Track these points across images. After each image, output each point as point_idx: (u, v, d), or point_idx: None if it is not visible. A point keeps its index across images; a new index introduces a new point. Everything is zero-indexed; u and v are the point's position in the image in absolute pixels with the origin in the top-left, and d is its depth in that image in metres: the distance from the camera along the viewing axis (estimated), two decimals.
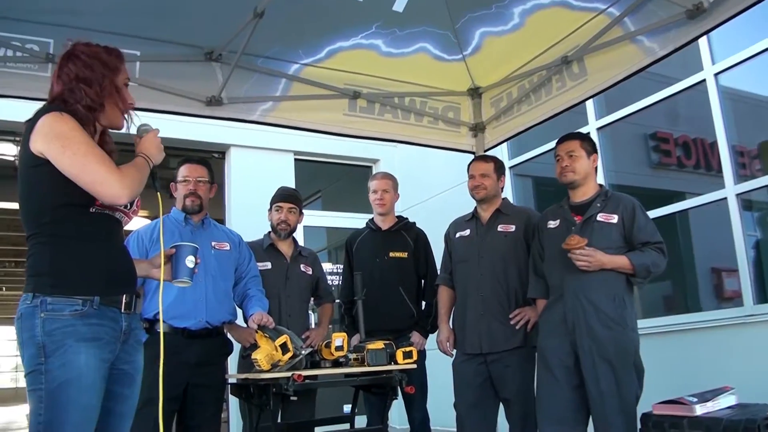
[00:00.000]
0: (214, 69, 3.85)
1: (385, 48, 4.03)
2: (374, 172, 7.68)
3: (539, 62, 4.09)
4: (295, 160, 7.97)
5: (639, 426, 3.15)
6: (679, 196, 5.31)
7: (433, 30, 3.98)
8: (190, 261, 2.33)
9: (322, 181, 8.78)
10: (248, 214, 4.13)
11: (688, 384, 3.51)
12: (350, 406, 4.09)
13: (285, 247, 4.04)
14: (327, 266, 7.85)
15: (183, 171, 3.63)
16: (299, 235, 7.71)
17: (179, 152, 6.93)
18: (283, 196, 4.05)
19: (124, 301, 2.09)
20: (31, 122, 2.02)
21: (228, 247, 3.65)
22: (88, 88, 2.09)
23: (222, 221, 7.44)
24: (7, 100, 3.53)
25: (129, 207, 2.16)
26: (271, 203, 4.07)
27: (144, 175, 2.09)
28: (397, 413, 5.49)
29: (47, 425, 1.89)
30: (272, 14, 3.36)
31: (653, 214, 5.18)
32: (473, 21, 3.92)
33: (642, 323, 5.06)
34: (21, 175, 2.01)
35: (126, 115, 2.20)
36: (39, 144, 1.97)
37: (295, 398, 3.34)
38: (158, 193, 2.20)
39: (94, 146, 2.00)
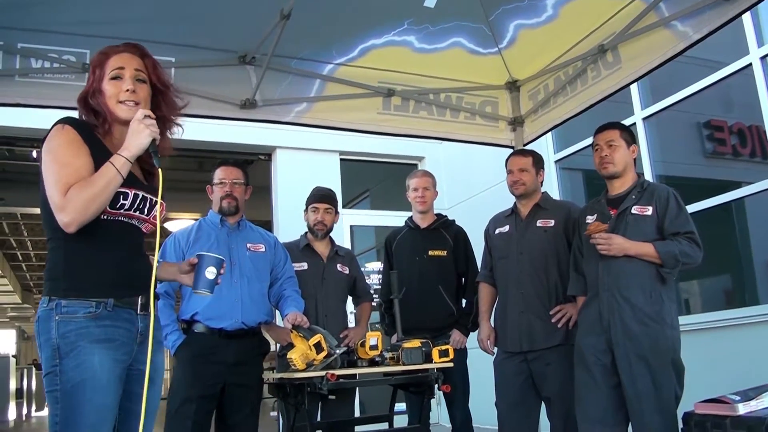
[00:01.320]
0: (248, 72, 3.90)
1: (418, 44, 4.00)
2: (420, 168, 7.66)
3: (575, 53, 4.00)
4: (341, 159, 8.03)
5: (681, 426, 3.05)
6: (734, 186, 5.13)
7: (467, 24, 3.93)
8: (210, 272, 2.28)
9: (368, 180, 8.82)
10: (295, 215, 4.18)
11: (744, 380, 3.38)
12: (400, 405, 4.09)
13: (321, 248, 4.06)
14: (376, 265, 7.89)
15: (219, 173, 3.67)
16: (346, 234, 7.83)
17: (225, 155, 7.08)
18: (318, 196, 4.07)
19: (139, 302, 2.09)
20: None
21: (263, 249, 3.67)
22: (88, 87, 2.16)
23: (269, 223, 7.56)
24: (45, 110, 3.62)
25: (147, 213, 2.15)
26: (307, 204, 4.09)
27: (101, 186, 1.94)
28: (446, 411, 5.48)
29: (63, 425, 1.91)
30: (301, 15, 3.38)
31: (703, 205, 5.04)
32: (507, 13, 3.86)
33: (697, 318, 4.97)
34: (40, 180, 2.05)
35: (122, 107, 2.12)
36: (42, 154, 2.03)
37: (333, 397, 3.37)
38: (159, 170, 2.07)
39: (66, 165, 1.97)
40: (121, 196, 2.03)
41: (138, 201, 2.10)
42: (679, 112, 5.57)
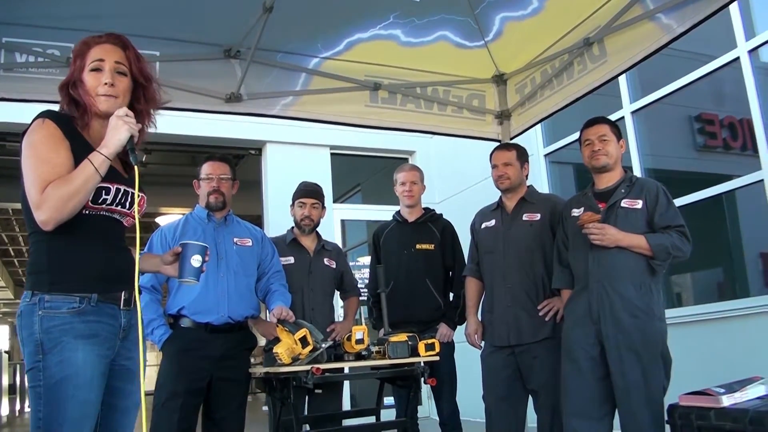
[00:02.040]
0: (233, 66, 3.87)
1: (404, 38, 3.98)
2: (408, 163, 7.65)
3: (561, 46, 4.00)
4: (332, 154, 8.02)
5: (666, 417, 3.06)
6: (726, 179, 5.14)
7: (453, 17, 3.91)
8: (196, 260, 2.27)
9: (359, 174, 8.82)
10: (286, 210, 4.18)
11: (735, 372, 3.39)
12: (391, 398, 4.10)
13: (308, 242, 4.06)
14: (368, 260, 7.90)
15: (206, 168, 3.66)
16: (337, 229, 7.83)
17: (216, 150, 7.06)
18: (305, 191, 4.06)
19: (123, 297, 2.08)
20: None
21: (250, 243, 3.66)
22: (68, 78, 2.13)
23: (260, 217, 7.54)
24: (36, 105, 3.61)
25: (129, 207, 2.13)
26: (294, 199, 4.08)
27: (78, 185, 1.92)
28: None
29: (46, 421, 1.90)
30: (284, 8, 3.37)
31: (694, 198, 5.05)
32: (492, 6, 3.84)
33: (689, 311, 5.00)
34: (20, 175, 2.03)
35: (101, 99, 2.09)
36: (22, 148, 2.01)
37: (319, 391, 3.37)
38: (135, 167, 2.04)
39: (45, 162, 1.96)
40: (103, 191, 2.02)
41: (120, 195, 2.09)
42: (669, 106, 5.57)
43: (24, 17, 3.37)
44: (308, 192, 4.05)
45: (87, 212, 2.02)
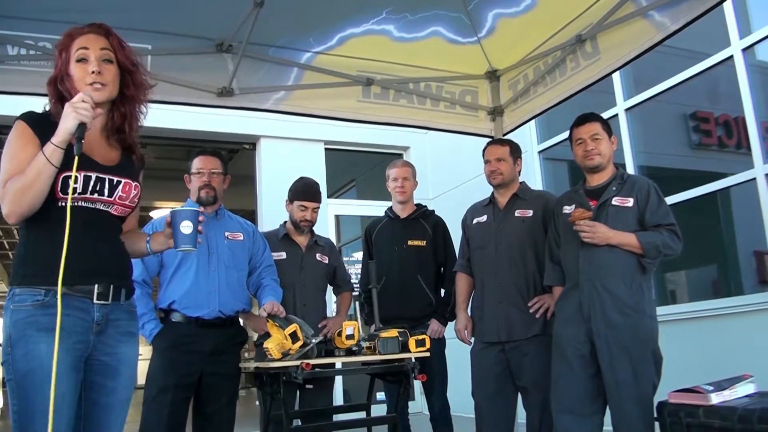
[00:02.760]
0: (226, 60, 3.86)
1: (397, 33, 3.97)
2: (401, 158, 7.64)
3: (554, 42, 3.99)
4: (326, 149, 8.01)
5: (655, 415, 3.06)
6: (719, 178, 5.14)
7: (446, 13, 3.90)
8: (185, 227, 2.21)
9: (354, 169, 8.81)
10: (280, 205, 4.16)
11: (727, 370, 3.40)
12: (383, 393, 4.10)
13: (300, 238, 4.04)
14: (362, 255, 7.91)
15: (197, 163, 3.64)
16: (332, 224, 7.82)
17: (210, 144, 7.06)
18: (308, 194, 3.99)
19: (96, 291, 2.04)
20: None
21: (241, 237, 3.65)
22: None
23: (254, 212, 7.53)
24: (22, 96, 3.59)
25: (110, 195, 2.10)
26: (293, 198, 4.01)
27: (31, 176, 1.92)
28: None
29: (20, 414, 1.91)
30: (276, 3, 3.36)
31: (689, 195, 5.06)
32: (486, 2, 3.84)
33: (683, 308, 5.01)
34: None
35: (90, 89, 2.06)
36: None
37: (310, 386, 3.36)
38: (76, 158, 1.94)
39: (12, 159, 1.97)
40: (70, 180, 1.97)
41: (92, 183, 2.05)
42: (663, 104, 5.57)
43: (15, 10, 3.36)
44: (311, 194, 3.99)
45: (62, 204, 1.99)
